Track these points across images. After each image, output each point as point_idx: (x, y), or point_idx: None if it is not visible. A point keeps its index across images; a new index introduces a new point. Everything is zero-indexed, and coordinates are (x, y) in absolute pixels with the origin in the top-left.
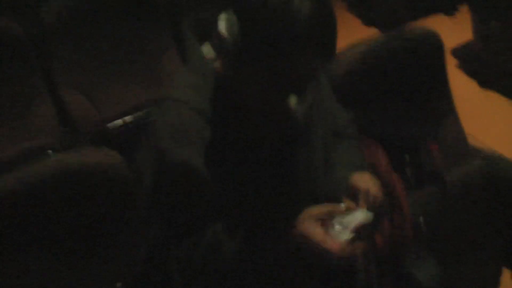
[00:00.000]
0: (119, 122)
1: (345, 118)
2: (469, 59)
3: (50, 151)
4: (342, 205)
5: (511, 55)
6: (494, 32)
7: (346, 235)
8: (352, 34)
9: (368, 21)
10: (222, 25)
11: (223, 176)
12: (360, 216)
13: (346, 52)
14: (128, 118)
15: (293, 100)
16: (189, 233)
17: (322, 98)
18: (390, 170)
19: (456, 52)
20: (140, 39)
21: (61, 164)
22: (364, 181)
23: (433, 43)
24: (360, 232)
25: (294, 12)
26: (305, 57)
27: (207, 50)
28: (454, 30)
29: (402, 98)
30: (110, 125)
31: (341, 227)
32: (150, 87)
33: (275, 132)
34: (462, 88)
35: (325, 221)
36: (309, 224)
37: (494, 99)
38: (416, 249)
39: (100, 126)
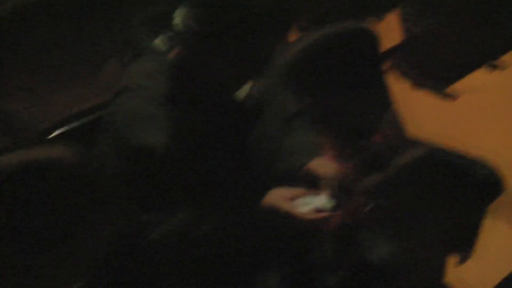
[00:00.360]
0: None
1: (295, 106)
2: (400, 60)
3: None
4: (302, 190)
5: (441, 54)
6: (424, 33)
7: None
8: None
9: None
10: (179, 20)
11: (186, 156)
12: (322, 200)
13: (290, 46)
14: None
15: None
16: (157, 220)
17: (273, 85)
18: (337, 158)
19: (387, 54)
20: (84, 44)
21: (13, 161)
22: (325, 167)
23: (368, 37)
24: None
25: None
26: (262, 37)
27: (160, 43)
28: (385, 33)
29: (343, 92)
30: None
31: (304, 206)
32: (94, 92)
33: (232, 113)
34: (396, 88)
35: (290, 200)
36: (277, 200)
37: (426, 97)
38: (370, 230)
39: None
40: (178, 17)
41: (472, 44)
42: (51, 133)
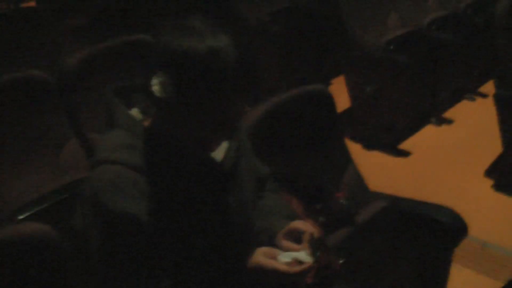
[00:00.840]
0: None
1: (265, 172)
2: (350, 124)
3: None
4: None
5: (386, 115)
6: (369, 96)
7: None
8: None
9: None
10: (156, 88)
11: (165, 224)
12: (302, 254)
13: (253, 109)
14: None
15: (224, 145)
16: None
17: (244, 148)
18: (306, 217)
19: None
20: (39, 130)
21: None
22: (307, 226)
23: (325, 98)
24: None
25: (222, 65)
26: (234, 99)
27: (135, 113)
28: None
29: (305, 152)
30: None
31: (285, 258)
32: (54, 177)
33: (208, 177)
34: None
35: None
36: (261, 258)
37: (377, 157)
38: (344, 282)
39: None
40: (156, 85)
41: (413, 104)
42: (17, 216)
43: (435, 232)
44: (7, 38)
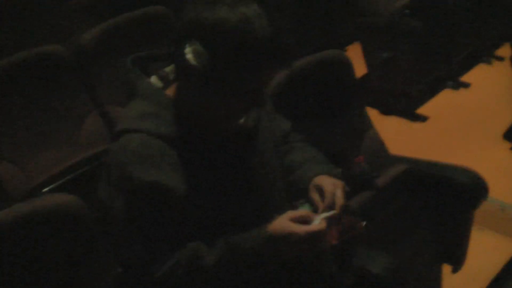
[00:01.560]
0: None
1: (287, 126)
2: (367, 91)
3: None
4: (301, 201)
5: (402, 80)
6: (385, 62)
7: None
8: None
9: None
10: (190, 56)
11: (195, 192)
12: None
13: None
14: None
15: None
16: (167, 253)
17: (266, 109)
18: None
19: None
20: (60, 105)
21: (15, 213)
22: (330, 183)
23: (344, 63)
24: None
25: (255, 33)
26: (267, 70)
27: (155, 81)
28: None
29: (325, 117)
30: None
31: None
32: (76, 150)
33: (234, 143)
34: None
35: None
36: (285, 223)
37: (395, 122)
38: (366, 245)
39: (31, 190)
40: (190, 53)
41: (430, 69)
42: (41, 189)
43: (455, 193)
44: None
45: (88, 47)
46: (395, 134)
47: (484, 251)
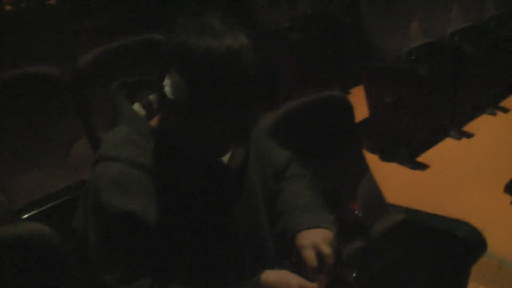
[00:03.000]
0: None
1: (285, 157)
2: (367, 135)
3: None
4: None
5: (405, 127)
6: (388, 107)
7: None
8: None
9: None
10: (168, 89)
11: (168, 226)
12: None
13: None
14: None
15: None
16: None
17: (257, 140)
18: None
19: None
20: (49, 128)
21: None
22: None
23: (344, 104)
24: None
25: (240, 67)
26: (252, 106)
27: (137, 108)
28: None
29: (321, 158)
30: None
31: None
32: (62, 175)
33: (216, 182)
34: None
35: None
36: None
37: (395, 169)
38: None
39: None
40: (168, 86)
41: (433, 117)
42: (22, 215)
43: (453, 247)
44: (25, 34)
45: (83, 70)
46: (394, 181)
47: None
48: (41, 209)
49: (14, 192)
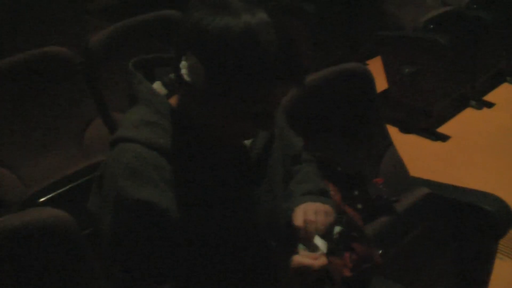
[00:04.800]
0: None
1: (299, 144)
2: (386, 107)
3: None
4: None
5: (424, 97)
6: (407, 78)
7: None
8: None
9: None
10: (185, 71)
11: (188, 214)
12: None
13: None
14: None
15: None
16: (151, 279)
17: (279, 126)
18: (345, 204)
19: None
20: (63, 110)
21: (2, 226)
22: (298, 219)
23: (365, 76)
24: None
25: (260, 46)
26: (274, 88)
27: (158, 87)
28: None
29: (343, 134)
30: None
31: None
32: (77, 157)
33: (236, 167)
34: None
35: None
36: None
37: (415, 141)
38: (382, 276)
39: (27, 199)
40: (184, 68)
41: (453, 87)
42: (38, 199)
43: (480, 221)
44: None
45: (95, 50)
46: (415, 154)
47: (506, 281)
48: (57, 192)
49: (29, 176)
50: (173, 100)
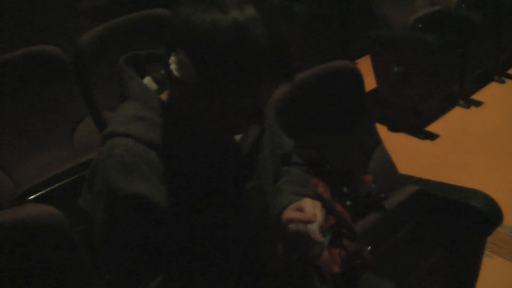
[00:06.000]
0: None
1: (290, 143)
2: (375, 106)
3: None
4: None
5: (413, 96)
6: (396, 77)
7: None
8: None
9: None
10: (174, 67)
11: (178, 208)
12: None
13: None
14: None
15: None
16: (144, 272)
17: (269, 124)
18: (334, 201)
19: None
20: (53, 108)
21: None
22: (310, 203)
23: (354, 74)
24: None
25: (249, 40)
26: (263, 82)
27: (149, 82)
28: None
29: (332, 132)
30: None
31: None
32: (68, 156)
33: (226, 162)
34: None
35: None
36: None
37: (404, 139)
38: (371, 271)
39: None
40: (174, 64)
41: (442, 86)
42: (28, 197)
43: (468, 218)
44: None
45: (85, 50)
46: (403, 152)
47: (494, 279)
48: (47, 190)
49: (20, 175)
50: (164, 96)
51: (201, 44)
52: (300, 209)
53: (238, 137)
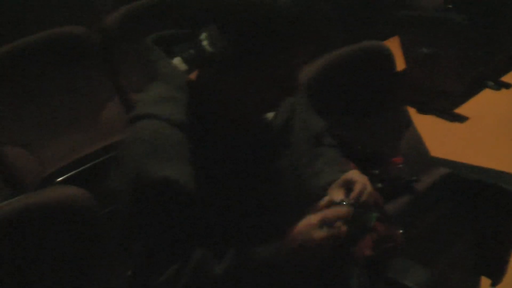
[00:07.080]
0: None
1: (321, 126)
2: (404, 87)
3: None
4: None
5: (442, 78)
6: (425, 58)
7: None
8: None
9: None
10: (206, 43)
11: (209, 190)
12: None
13: (309, 65)
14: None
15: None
16: (172, 259)
17: (300, 104)
18: None
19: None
20: (80, 90)
21: (21, 204)
22: (361, 177)
23: (385, 54)
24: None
25: (280, 9)
26: (296, 53)
27: (179, 63)
28: None
29: (362, 113)
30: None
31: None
32: (94, 138)
33: (258, 140)
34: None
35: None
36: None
37: (433, 121)
38: (402, 256)
39: (44, 179)
40: (206, 40)
41: (471, 67)
42: (56, 179)
43: (499, 201)
44: None
45: (111, 30)
46: (432, 134)
47: None
48: (74, 172)
49: (46, 157)
50: (193, 76)
51: (233, 16)
52: (349, 181)
53: (269, 115)
